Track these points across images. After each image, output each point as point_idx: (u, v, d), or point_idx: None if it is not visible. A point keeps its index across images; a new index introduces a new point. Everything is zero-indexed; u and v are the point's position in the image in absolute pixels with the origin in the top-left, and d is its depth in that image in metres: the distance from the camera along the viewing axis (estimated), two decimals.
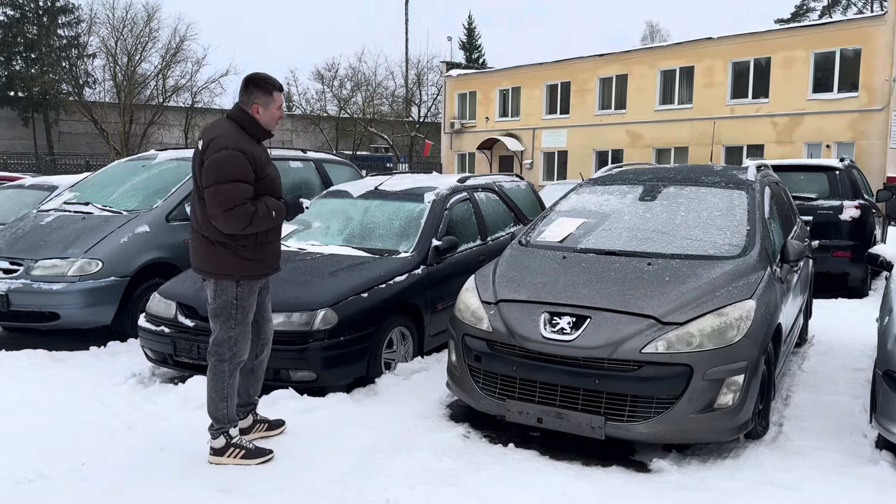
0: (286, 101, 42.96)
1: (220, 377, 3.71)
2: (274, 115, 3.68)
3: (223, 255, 3.60)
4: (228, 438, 3.74)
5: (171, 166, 7.13)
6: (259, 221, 3.52)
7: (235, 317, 3.67)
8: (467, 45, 52.49)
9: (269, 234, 3.71)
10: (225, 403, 3.72)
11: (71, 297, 5.78)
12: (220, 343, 3.69)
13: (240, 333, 3.70)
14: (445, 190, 6.21)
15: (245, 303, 3.68)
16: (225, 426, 3.74)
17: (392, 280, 5.11)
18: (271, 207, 3.57)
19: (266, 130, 3.69)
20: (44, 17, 37.18)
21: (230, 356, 3.70)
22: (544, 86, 30.89)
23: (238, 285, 3.64)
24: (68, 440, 3.96)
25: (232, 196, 3.44)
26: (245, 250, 3.60)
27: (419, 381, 5.03)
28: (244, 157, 3.48)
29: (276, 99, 3.66)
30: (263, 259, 3.69)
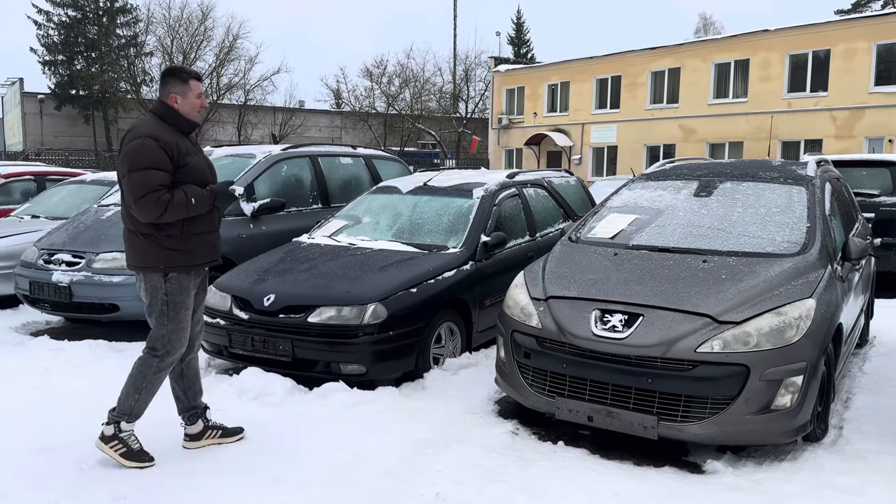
0: (336, 99, 43.96)
1: (144, 370, 3.62)
2: (193, 103, 3.61)
3: (148, 247, 3.53)
4: (118, 430, 3.62)
5: (225, 162, 7.27)
6: (175, 209, 3.43)
7: (167, 313, 3.58)
8: (516, 40, 52.19)
9: (200, 224, 3.59)
10: (137, 396, 3.61)
11: (130, 289, 5.93)
12: (155, 339, 3.63)
13: (173, 331, 3.60)
14: (494, 186, 6.19)
15: (176, 298, 3.58)
16: (122, 417, 3.63)
17: (441, 276, 5.13)
18: (190, 195, 3.47)
19: (188, 120, 3.61)
20: (103, 18, 38.44)
21: (163, 353, 3.62)
22: (594, 80, 30.51)
23: (167, 280, 3.55)
24: None
25: (143, 183, 3.39)
26: (171, 241, 3.52)
27: (467, 377, 5.04)
28: (157, 145, 3.43)
29: (193, 87, 3.60)
30: (193, 250, 3.58)
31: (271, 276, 5.17)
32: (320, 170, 7.77)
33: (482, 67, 40.61)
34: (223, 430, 3.97)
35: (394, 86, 41.67)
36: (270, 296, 4.87)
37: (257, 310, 4.88)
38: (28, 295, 6.40)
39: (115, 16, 38.58)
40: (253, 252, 6.67)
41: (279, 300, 4.83)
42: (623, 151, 29.43)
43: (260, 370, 4.74)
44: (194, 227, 3.56)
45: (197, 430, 3.92)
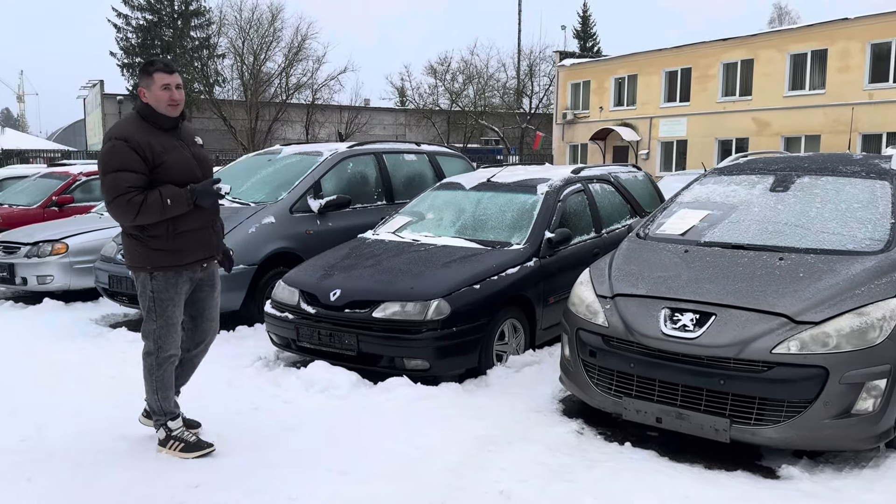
0: (400, 97, 44.34)
1: (149, 370, 3.67)
2: (158, 96, 3.46)
3: (134, 247, 3.53)
4: (168, 431, 3.69)
5: (294, 160, 7.43)
6: (148, 210, 3.35)
7: (155, 310, 3.56)
8: (581, 34, 51.47)
9: (188, 222, 3.51)
10: (156, 396, 3.66)
11: None
12: (146, 335, 3.65)
13: (161, 327, 3.58)
14: (559, 181, 6.11)
15: (162, 296, 3.54)
16: (161, 418, 3.70)
17: (504, 272, 5.09)
18: (165, 196, 3.37)
19: (163, 115, 3.49)
20: (178, 21, 39.76)
21: (155, 349, 3.62)
22: (663, 73, 29.77)
23: (153, 278, 3.52)
24: (200, 418, 4.18)
25: (113, 185, 3.35)
26: (155, 241, 3.47)
27: (531, 375, 5.00)
28: (127, 146, 3.35)
29: (157, 79, 3.45)
30: (180, 249, 3.52)
31: (337, 272, 5.25)
32: (385, 167, 7.83)
33: (547, 62, 40.26)
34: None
35: (457, 82, 41.75)
36: (336, 291, 4.94)
37: (324, 304, 4.96)
38: (107, 288, 6.68)
39: (189, 18, 39.86)
40: (319, 248, 6.79)
41: (345, 295, 4.90)
42: (693, 146, 28.64)
43: (326, 364, 4.82)
44: (181, 225, 3.49)
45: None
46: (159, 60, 3.63)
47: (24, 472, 3.46)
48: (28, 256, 7.34)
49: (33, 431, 3.96)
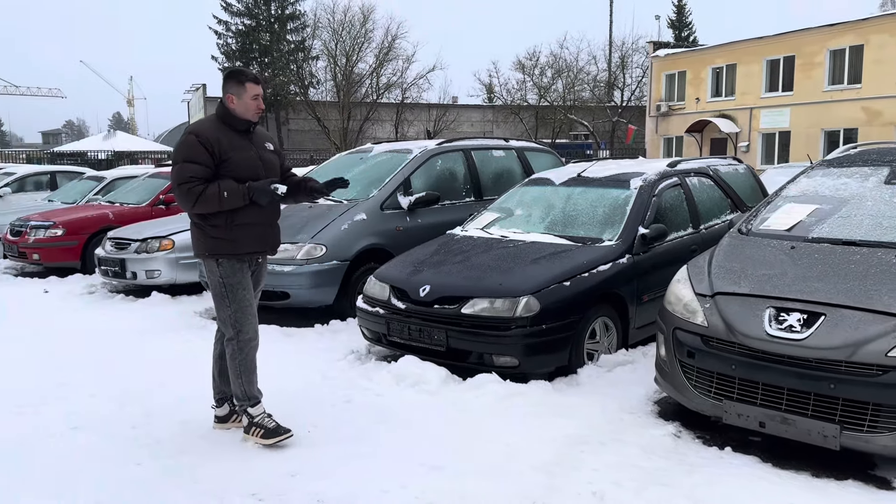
0: (488, 93, 44.25)
1: (232, 355, 3.85)
2: (249, 104, 3.77)
3: (197, 235, 3.80)
4: (250, 417, 3.84)
5: (384, 158, 7.54)
6: (206, 201, 3.61)
7: (227, 295, 3.79)
8: (676, 24, 49.83)
9: (245, 217, 3.73)
10: (240, 381, 3.85)
11: (299, 278, 6.34)
12: (224, 322, 3.85)
13: (237, 311, 3.79)
14: (654, 175, 5.92)
15: (230, 280, 3.77)
16: (244, 403, 3.87)
17: (595, 269, 4.98)
18: (223, 189, 3.63)
19: (241, 118, 3.78)
20: (275, 25, 41.21)
21: (235, 333, 3.81)
22: (764, 61, 28.42)
23: (219, 264, 3.77)
24: (295, 408, 4.32)
25: (179, 174, 3.65)
26: (214, 230, 3.72)
27: (623, 375, 4.87)
28: (198, 140, 3.64)
29: (249, 89, 3.76)
30: (237, 240, 3.74)
31: (426, 268, 5.28)
32: (473, 163, 7.83)
33: (639, 53, 39.17)
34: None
35: (546, 77, 41.26)
36: (426, 286, 4.97)
37: (413, 300, 5.00)
38: None
39: (285, 22, 41.24)
40: (409, 244, 6.85)
41: (434, 291, 4.92)
42: (797, 137, 27.19)
43: (416, 359, 4.85)
44: (239, 218, 3.73)
45: (223, 413, 4.09)
46: (249, 71, 3.92)
47: (134, 458, 3.66)
48: (137, 252, 7.78)
49: (142, 419, 4.19)
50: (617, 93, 40.79)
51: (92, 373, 5.11)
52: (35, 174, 13.59)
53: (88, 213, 9.52)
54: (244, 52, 40.97)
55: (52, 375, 5.04)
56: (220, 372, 4.06)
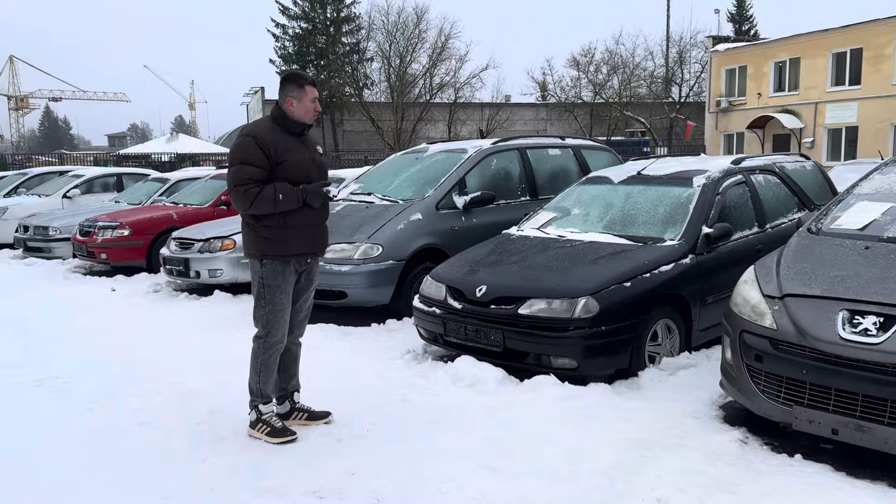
0: (542, 91, 43.88)
1: (256, 353, 3.91)
2: (307, 107, 3.83)
3: (248, 234, 3.86)
4: (259, 414, 3.90)
5: (440, 158, 7.55)
6: (262, 202, 3.67)
7: (264, 296, 3.83)
8: (736, 17, 48.47)
9: (297, 218, 3.78)
10: (257, 378, 3.90)
11: (356, 278, 6.40)
12: (257, 320, 3.90)
13: (270, 313, 3.82)
14: (717, 173, 5.75)
15: (270, 282, 3.80)
16: (257, 400, 3.92)
17: (657, 269, 4.86)
18: (279, 191, 3.68)
19: (299, 122, 3.84)
20: (331, 28, 41.74)
21: (264, 334, 3.87)
22: (830, 54, 27.44)
23: (262, 265, 3.80)
24: (354, 407, 4.36)
25: (236, 176, 3.71)
26: (266, 230, 3.76)
27: (686, 378, 4.74)
28: (255, 143, 3.69)
29: (309, 92, 3.82)
30: (288, 241, 3.78)
31: (482, 268, 5.25)
32: (528, 162, 7.77)
33: (698, 48, 38.25)
34: (309, 413, 4.15)
35: (601, 74, 40.70)
36: (482, 286, 4.94)
37: (470, 300, 4.98)
38: None
39: (340, 25, 41.72)
40: (464, 244, 6.82)
41: (490, 291, 4.89)
42: (865, 132, 26.15)
43: (473, 359, 4.83)
44: (291, 220, 3.78)
45: (285, 410, 4.13)
46: (307, 74, 4.00)
47: (200, 454, 3.74)
48: (201, 252, 7.99)
49: (206, 415, 4.29)
50: (675, 89, 39.96)
51: (158, 370, 5.26)
52: (102, 176, 14.11)
53: (153, 213, 9.84)
54: (301, 55, 41.61)
55: (120, 372, 5.22)
56: (281, 369, 4.12)
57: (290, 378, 4.21)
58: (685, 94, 39.24)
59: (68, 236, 10.44)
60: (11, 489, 3.38)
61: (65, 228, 10.63)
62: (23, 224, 11.33)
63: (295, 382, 4.24)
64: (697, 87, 38.87)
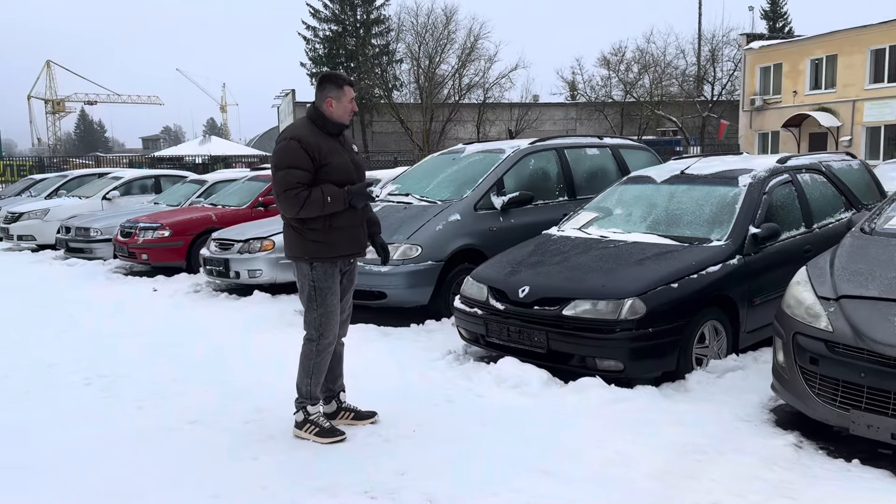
0: (571, 91, 43.61)
1: (307, 355, 3.92)
2: (346, 107, 3.84)
3: (295, 238, 3.83)
4: (306, 414, 3.92)
5: (477, 158, 7.53)
6: (311, 206, 3.67)
7: (316, 299, 3.85)
8: (770, 14, 47.68)
9: (342, 219, 3.80)
10: (308, 380, 3.92)
11: (396, 278, 6.41)
12: (308, 324, 3.91)
13: (322, 315, 3.85)
14: (763, 172, 5.65)
15: (322, 285, 3.82)
16: (305, 401, 3.93)
17: (704, 270, 4.79)
18: (326, 193, 3.69)
19: (337, 122, 3.85)
20: (360, 30, 41.98)
21: (317, 337, 3.89)
22: (868, 51, 26.89)
23: (312, 268, 3.81)
24: (398, 408, 4.37)
25: (284, 181, 3.68)
26: (313, 233, 3.77)
27: (734, 381, 4.67)
28: (300, 146, 3.69)
29: (347, 92, 3.83)
30: (335, 243, 3.80)
31: (524, 268, 5.22)
32: (566, 162, 7.72)
33: (731, 46, 37.70)
34: (356, 413, 4.17)
35: (632, 72, 40.29)
36: (525, 287, 4.91)
37: (512, 301, 4.95)
38: None
39: (370, 27, 41.95)
40: (503, 245, 6.79)
41: (533, 292, 4.86)
42: None
43: (516, 360, 4.81)
44: (336, 221, 3.79)
45: (331, 410, 4.15)
46: (345, 75, 4.03)
47: (250, 452, 3.77)
48: (240, 252, 8.07)
49: (254, 414, 4.33)
50: (707, 87, 39.42)
51: (204, 369, 5.33)
52: (141, 178, 14.35)
53: (193, 215, 9.97)
54: (331, 57, 41.93)
55: (166, 371, 5.28)
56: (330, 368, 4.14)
57: (335, 378, 4.23)
58: (717, 93, 38.72)
59: (109, 237, 10.64)
60: (63, 488, 3.42)
61: (106, 229, 10.83)
62: (64, 225, 11.57)
63: (340, 382, 4.26)
64: (730, 86, 38.32)
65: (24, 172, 30.87)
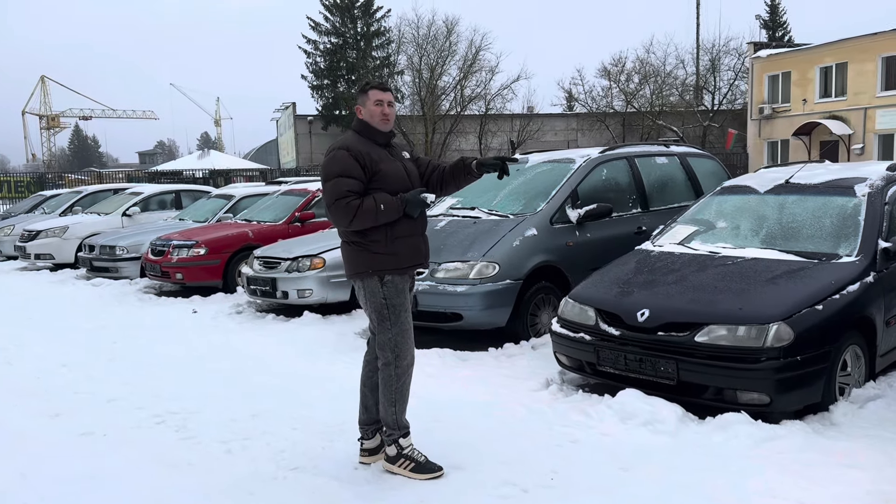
0: (569, 101, 43.36)
1: (388, 381, 3.61)
2: (372, 111, 3.61)
3: (357, 254, 3.58)
4: (399, 448, 3.61)
5: (545, 169, 7.10)
6: (364, 215, 3.44)
7: (389, 317, 3.58)
8: (770, 24, 47.69)
9: (403, 229, 3.56)
10: (394, 409, 3.62)
11: (473, 299, 5.94)
12: (382, 346, 3.62)
13: (398, 334, 3.59)
14: (879, 181, 5.22)
15: (395, 301, 3.58)
16: (395, 433, 3.63)
17: (845, 290, 4.34)
18: (379, 201, 3.47)
19: (377, 129, 3.63)
20: (361, 42, 41.62)
21: (394, 358, 3.59)
22: (879, 59, 26.72)
23: (384, 284, 3.56)
24: (516, 448, 3.91)
25: (334, 190, 3.48)
26: (376, 245, 3.54)
27: (879, 411, 4.24)
28: (349, 154, 3.50)
29: (371, 96, 3.62)
30: (399, 253, 3.57)
31: (636, 288, 4.76)
32: (637, 172, 7.29)
33: (730, 55, 37.62)
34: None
35: (633, 83, 40.13)
36: (644, 310, 4.45)
37: (629, 325, 4.49)
38: None
39: (371, 39, 41.55)
40: (580, 261, 6.39)
41: (656, 315, 4.39)
42: None
43: (640, 393, 4.33)
44: (397, 231, 3.56)
45: (375, 445, 3.80)
46: (375, 80, 3.85)
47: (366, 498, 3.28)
48: (289, 271, 7.57)
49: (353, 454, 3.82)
50: (707, 96, 39.27)
51: (279, 402, 4.83)
52: (160, 193, 13.81)
53: (228, 231, 9.45)
54: (332, 70, 41.50)
55: (240, 405, 4.78)
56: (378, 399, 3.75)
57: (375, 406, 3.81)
58: (719, 102, 38.57)
59: (136, 255, 10.13)
60: None
61: (132, 247, 10.31)
62: (87, 243, 11.03)
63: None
64: (731, 95, 38.23)
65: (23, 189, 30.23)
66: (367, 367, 3.84)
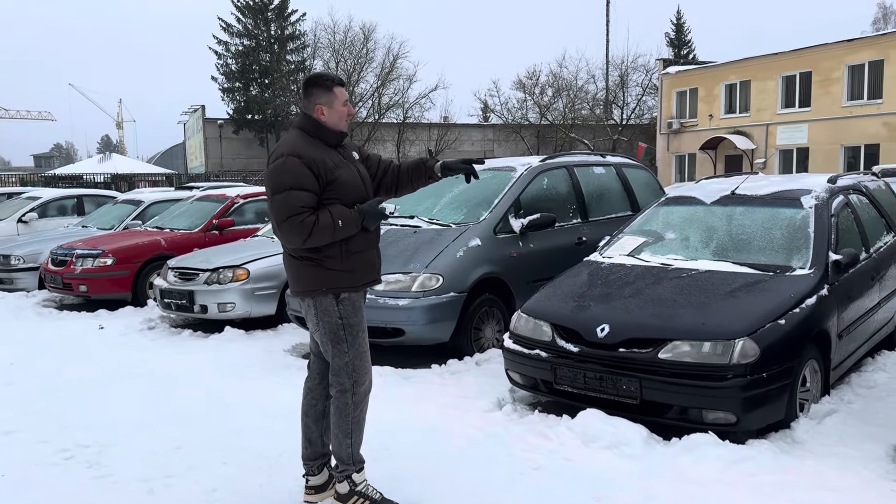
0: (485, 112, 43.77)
1: (342, 411, 3.25)
2: (340, 112, 3.25)
3: (308, 270, 3.20)
4: (352, 485, 3.28)
5: (486, 176, 6.79)
6: (320, 233, 3.07)
7: (346, 339, 3.24)
8: (675, 42, 49.76)
9: (358, 243, 3.24)
10: (349, 441, 3.27)
11: (416, 313, 5.59)
12: (338, 372, 3.25)
13: (355, 357, 3.25)
14: (823, 192, 5.24)
15: (352, 321, 3.25)
16: (349, 468, 3.29)
17: (804, 303, 4.27)
18: (336, 217, 3.10)
19: (336, 131, 3.25)
20: (275, 45, 40.53)
21: (351, 385, 3.25)
22: (779, 77, 28.20)
23: (339, 302, 3.21)
24: (478, 476, 3.62)
25: (285, 205, 3.06)
26: (331, 261, 3.18)
27: (837, 427, 4.17)
28: (301, 163, 3.08)
29: (339, 95, 3.24)
30: (355, 269, 3.24)
31: (593, 302, 4.56)
32: (577, 181, 7.15)
33: (638, 72, 38.96)
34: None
35: (546, 96, 40.94)
36: (604, 326, 4.24)
37: (588, 342, 4.26)
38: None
39: (285, 43, 40.55)
40: (523, 272, 6.18)
41: (616, 331, 4.19)
42: (816, 153, 26.93)
43: (602, 413, 4.10)
44: (353, 245, 3.22)
45: (322, 481, 3.44)
46: (333, 75, 3.35)
47: None
48: (208, 283, 6.99)
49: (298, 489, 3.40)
50: (617, 111, 40.49)
51: (205, 430, 4.34)
52: (61, 198, 12.68)
53: (138, 240, 8.68)
54: (244, 73, 40.20)
55: (161, 435, 4.25)
56: (325, 430, 3.40)
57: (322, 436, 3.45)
58: (627, 117, 39.83)
59: (34, 265, 9.20)
60: None
61: (29, 257, 9.35)
62: None
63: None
64: (639, 110, 39.58)
65: None
66: (310, 396, 3.44)
